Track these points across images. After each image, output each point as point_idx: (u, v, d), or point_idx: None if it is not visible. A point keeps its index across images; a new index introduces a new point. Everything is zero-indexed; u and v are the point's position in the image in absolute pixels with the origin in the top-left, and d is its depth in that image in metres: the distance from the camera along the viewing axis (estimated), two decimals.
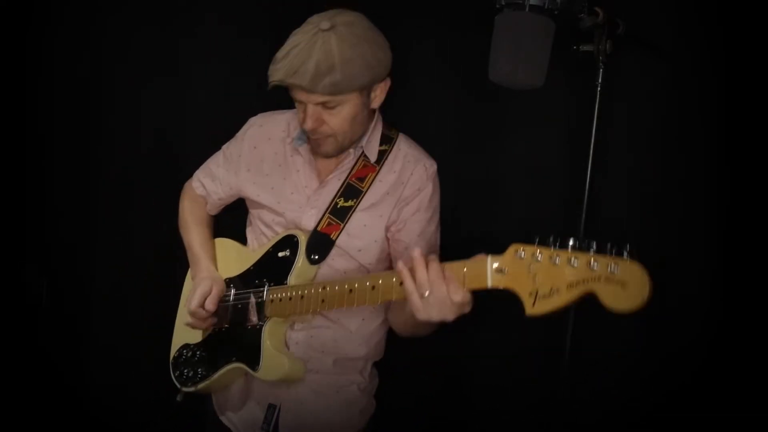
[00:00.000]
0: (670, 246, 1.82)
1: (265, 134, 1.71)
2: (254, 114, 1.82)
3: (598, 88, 1.63)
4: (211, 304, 1.66)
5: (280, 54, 1.46)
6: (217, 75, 2.30)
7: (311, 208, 1.63)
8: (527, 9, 1.52)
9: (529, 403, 2.00)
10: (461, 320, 1.45)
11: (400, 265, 1.31)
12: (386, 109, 1.71)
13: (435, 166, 1.65)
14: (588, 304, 1.24)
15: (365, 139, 1.62)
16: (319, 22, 1.45)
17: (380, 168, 1.62)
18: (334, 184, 1.63)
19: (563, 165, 1.90)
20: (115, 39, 2.41)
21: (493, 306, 1.76)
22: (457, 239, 1.70)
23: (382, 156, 1.64)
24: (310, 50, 1.41)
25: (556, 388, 1.72)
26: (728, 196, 1.77)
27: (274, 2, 2.18)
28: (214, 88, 2.31)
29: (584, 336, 1.73)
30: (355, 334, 1.67)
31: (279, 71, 1.44)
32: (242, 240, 1.82)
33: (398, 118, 1.73)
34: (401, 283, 1.31)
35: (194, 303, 1.66)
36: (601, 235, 1.21)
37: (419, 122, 1.72)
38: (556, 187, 1.92)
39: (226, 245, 1.83)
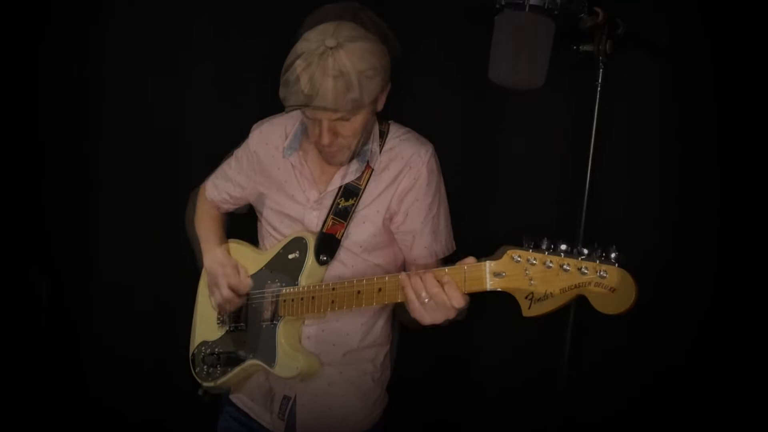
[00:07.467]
0: (670, 246, 1.82)
1: (263, 140, 1.74)
2: (253, 112, 1.83)
3: (598, 88, 1.63)
4: (242, 287, 1.70)
5: (290, 76, 1.43)
6: (217, 73, 2.30)
7: (314, 210, 1.66)
8: (527, 9, 1.52)
9: (528, 404, 2.01)
10: (461, 323, 1.46)
11: (403, 276, 1.39)
12: (386, 110, 1.71)
13: (430, 151, 1.63)
14: (588, 305, 1.24)
15: (368, 143, 1.62)
16: (322, 39, 1.42)
17: (376, 164, 1.63)
18: (335, 186, 1.64)
19: (563, 165, 1.90)
20: (115, 38, 2.41)
21: (493, 308, 1.76)
22: (456, 239, 1.71)
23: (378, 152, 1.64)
24: (324, 70, 1.39)
25: (556, 389, 1.73)
26: (728, 195, 1.77)
27: (274, 2, 2.18)
28: (214, 86, 2.31)
29: (584, 337, 1.74)
30: (365, 325, 1.71)
31: (296, 95, 1.42)
32: (253, 241, 1.84)
33: (398, 119, 1.73)
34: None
35: (225, 292, 1.70)
36: (600, 235, 1.22)
37: (419, 122, 1.71)
38: (556, 187, 1.92)
39: (238, 246, 1.86)
